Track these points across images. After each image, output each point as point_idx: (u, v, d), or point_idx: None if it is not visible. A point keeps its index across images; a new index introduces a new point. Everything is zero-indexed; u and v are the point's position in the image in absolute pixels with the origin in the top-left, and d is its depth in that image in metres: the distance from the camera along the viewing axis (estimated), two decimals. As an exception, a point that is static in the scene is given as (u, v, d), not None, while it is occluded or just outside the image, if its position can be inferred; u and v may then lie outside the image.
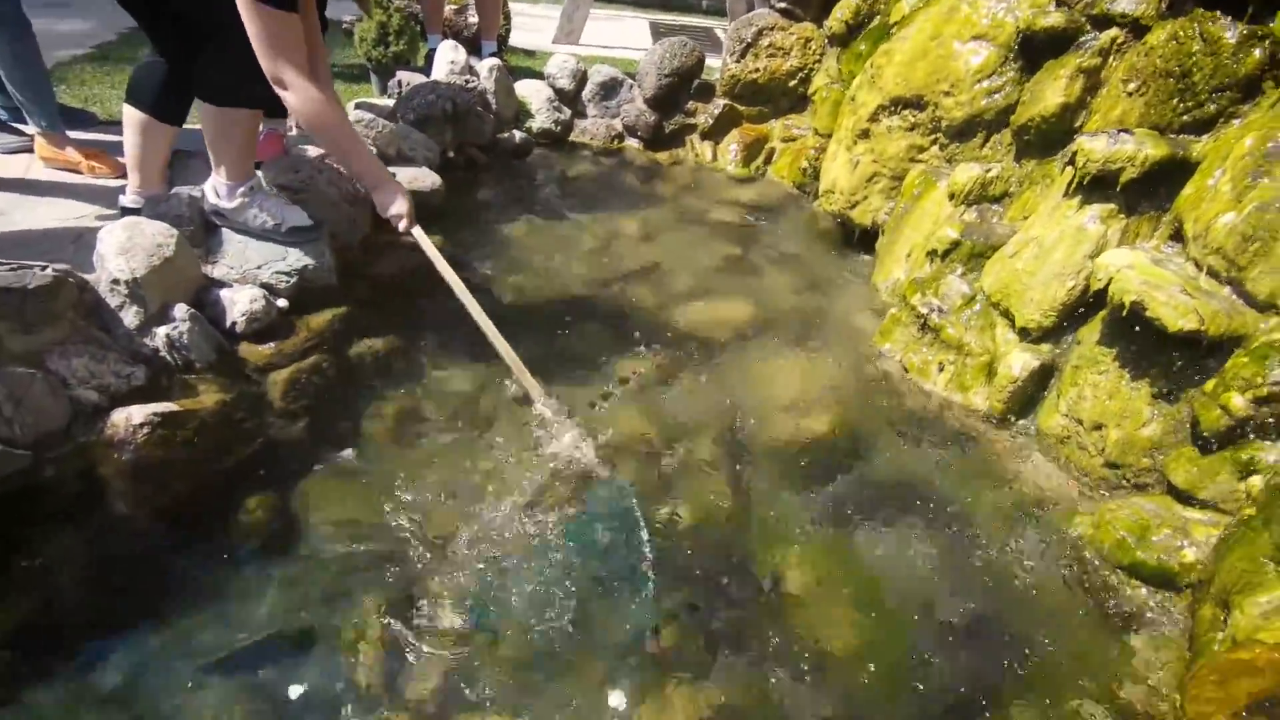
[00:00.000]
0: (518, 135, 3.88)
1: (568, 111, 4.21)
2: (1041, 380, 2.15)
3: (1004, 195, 2.57)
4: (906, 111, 2.91)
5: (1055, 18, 2.39)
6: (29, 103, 2.72)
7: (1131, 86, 2.13)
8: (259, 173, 2.30)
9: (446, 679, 1.45)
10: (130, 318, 1.85)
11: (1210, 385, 1.67)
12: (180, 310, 1.89)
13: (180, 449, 1.73)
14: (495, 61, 3.85)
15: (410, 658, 1.48)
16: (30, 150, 2.79)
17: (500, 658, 1.49)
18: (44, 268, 1.67)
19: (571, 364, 2.36)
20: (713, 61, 4.38)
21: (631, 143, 4.23)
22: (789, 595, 1.69)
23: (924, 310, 2.36)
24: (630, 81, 4.25)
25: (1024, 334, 2.19)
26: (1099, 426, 1.94)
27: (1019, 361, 2.12)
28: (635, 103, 4.20)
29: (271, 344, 2.09)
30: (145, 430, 1.67)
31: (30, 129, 2.77)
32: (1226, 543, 1.52)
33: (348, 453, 1.95)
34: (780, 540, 1.82)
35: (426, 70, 4.03)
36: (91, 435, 1.66)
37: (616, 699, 1.45)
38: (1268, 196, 1.65)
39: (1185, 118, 1.98)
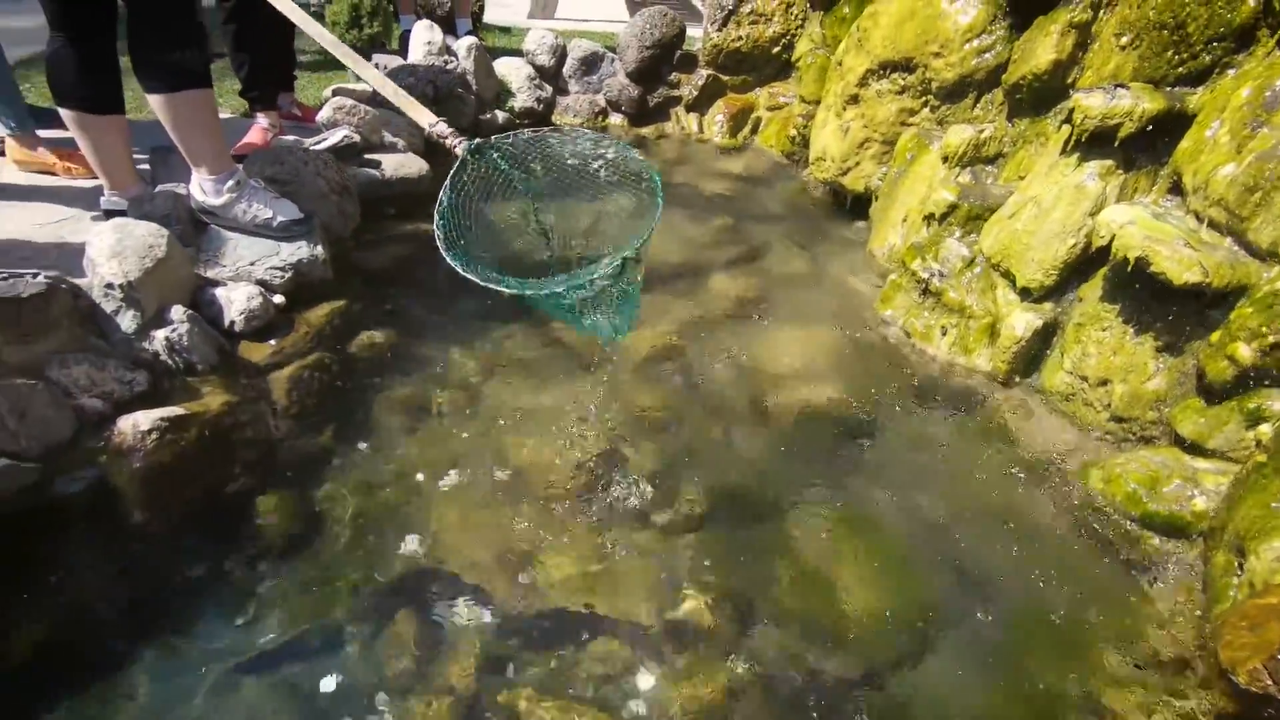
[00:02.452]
0: (500, 115, 3.82)
1: (549, 89, 4.14)
2: (1044, 339, 2.17)
3: (998, 156, 2.57)
4: (896, 74, 2.89)
5: (1044, -28, 2.37)
6: (-5, 104, 2.62)
7: (1124, 40, 2.12)
8: (241, 166, 2.24)
9: (482, 661, 1.45)
10: (127, 322, 1.81)
11: (1216, 336, 1.69)
12: (178, 312, 1.85)
13: (190, 453, 1.70)
14: (473, 40, 3.77)
15: (444, 644, 1.47)
16: (1, 154, 2.69)
17: (534, 638, 1.50)
18: (35, 275, 1.62)
19: (566, 344, 2.34)
20: (694, 31, 4.31)
21: (616, 118, 4.17)
22: (808, 561, 1.71)
23: (924, 275, 2.36)
24: (611, 55, 4.18)
25: (1025, 294, 2.20)
26: (1104, 382, 1.96)
27: (1021, 321, 2.14)
28: (617, 77, 4.13)
29: (272, 342, 2.06)
30: (154, 436, 1.64)
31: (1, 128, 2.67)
32: (1238, 490, 1.56)
33: (361, 447, 1.91)
34: (795, 509, 1.84)
35: (402, 52, 3.94)
36: (99, 444, 1.63)
37: (645, 681, 1.46)
38: (1268, 145, 1.66)
39: (1180, 70, 1.98)
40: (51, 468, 1.55)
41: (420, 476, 1.84)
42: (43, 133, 2.74)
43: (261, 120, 2.90)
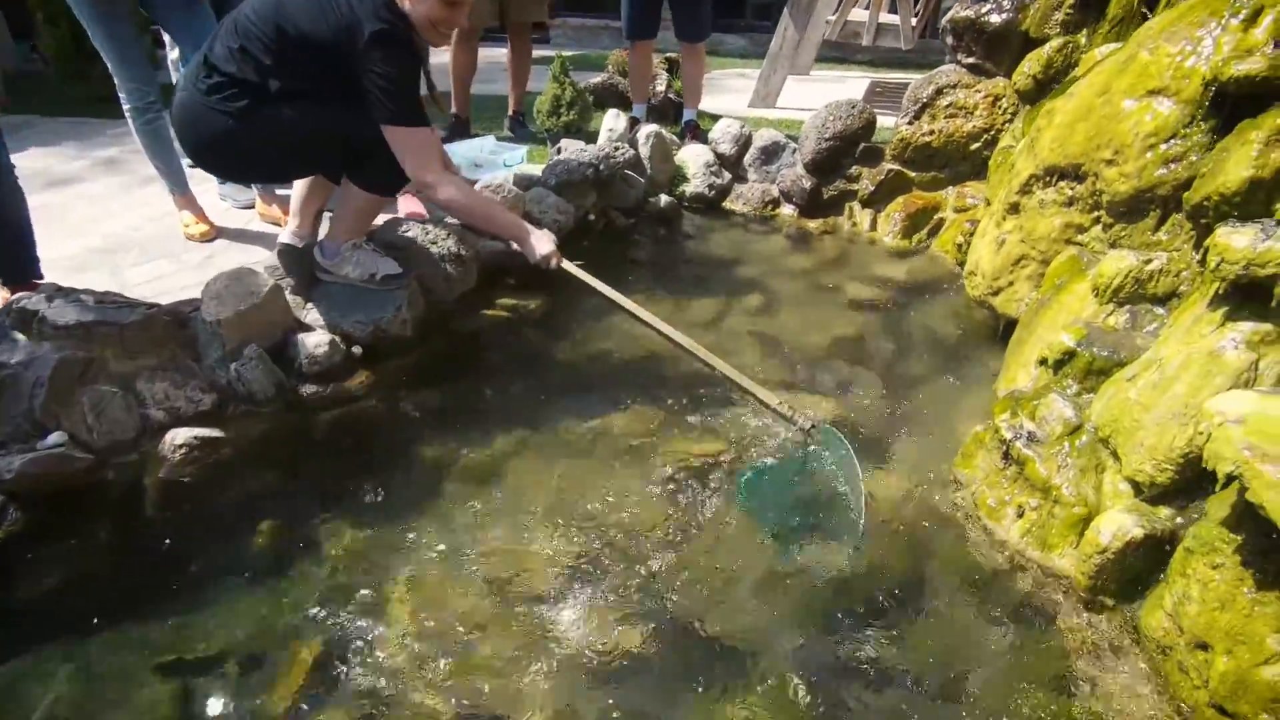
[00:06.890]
0: (664, 200, 3.92)
1: (727, 176, 4.14)
2: (1152, 557, 1.54)
3: (1171, 295, 1.93)
4: (1062, 183, 2.35)
5: (1255, 63, 1.76)
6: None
7: (1349, 157, 1.47)
8: (365, 237, 2.61)
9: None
10: (214, 352, 2.21)
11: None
12: (250, 349, 2.21)
13: (212, 470, 2.01)
14: (653, 128, 3.95)
15: (334, 690, 1.48)
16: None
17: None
18: (139, 307, 2.08)
19: (611, 442, 2.25)
20: (890, 121, 3.98)
21: (786, 209, 4.01)
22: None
23: (1008, 435, 1.85)
24: (793, 145, 4.05)
25: (1136, 489, 1.59)
26: (1203, 645, 1.33)
27: (1111, 526, 1.55)
28: (795, 168, 3.99)
29: (330, 385, 2.34)
30: (182, 451, 1.98)
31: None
32: None
33: (370, 495, 2.01)
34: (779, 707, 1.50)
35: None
36: (150, 449, 2.01)
37: None
38: None
39: None
40: (107, 460, 1.95)
41: (410, 535, 1.86)
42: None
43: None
